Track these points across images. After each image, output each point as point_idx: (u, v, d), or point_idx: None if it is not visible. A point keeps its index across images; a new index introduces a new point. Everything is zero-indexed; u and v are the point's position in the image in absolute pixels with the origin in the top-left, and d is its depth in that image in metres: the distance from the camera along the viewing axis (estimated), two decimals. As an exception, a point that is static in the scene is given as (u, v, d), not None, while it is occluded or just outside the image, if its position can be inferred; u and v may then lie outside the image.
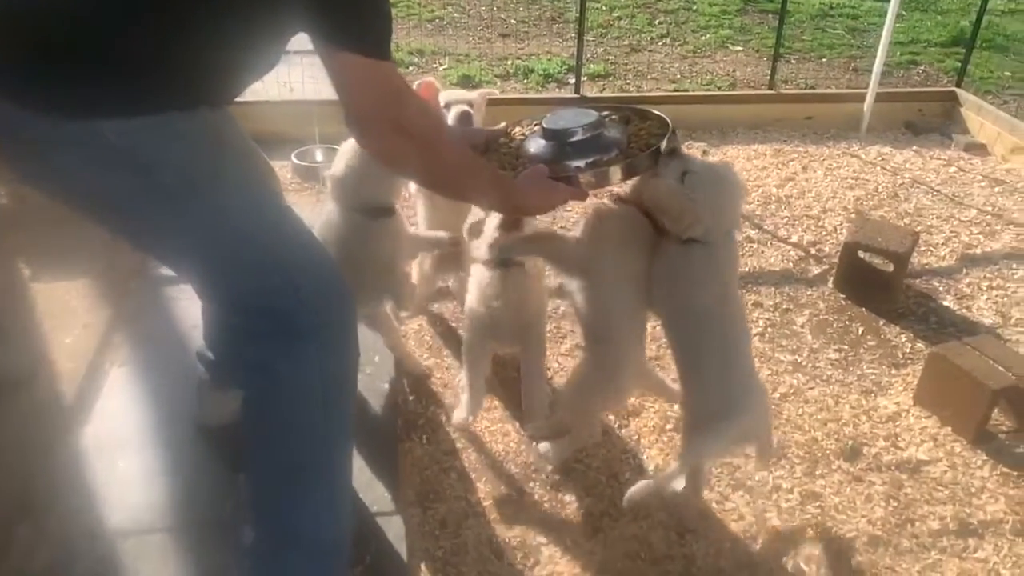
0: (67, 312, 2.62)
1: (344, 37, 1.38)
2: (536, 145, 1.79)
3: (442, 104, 2.51)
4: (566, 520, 2.07)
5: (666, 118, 1.86)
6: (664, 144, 1.76)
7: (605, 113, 1.88)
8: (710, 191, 1.80)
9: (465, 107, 2.46)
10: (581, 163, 1.71)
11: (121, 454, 2.11)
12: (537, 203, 1.69)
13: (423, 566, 1.91)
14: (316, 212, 2.14)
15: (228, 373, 2.04)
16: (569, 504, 2.11)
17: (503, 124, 1.87)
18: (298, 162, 3.77)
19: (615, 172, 1.72)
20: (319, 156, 3.86)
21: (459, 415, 2.24)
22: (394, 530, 1.95)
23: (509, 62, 5.49)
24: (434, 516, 2.04)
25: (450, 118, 2.47)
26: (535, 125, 1.87)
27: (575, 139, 1.75)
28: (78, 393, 2.28)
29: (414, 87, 2.52)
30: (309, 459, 1.52)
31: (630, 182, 1.88)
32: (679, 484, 2.13)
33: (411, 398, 2.45)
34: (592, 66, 5.35)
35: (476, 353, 2.20)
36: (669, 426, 2.36)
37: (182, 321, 2.56)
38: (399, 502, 2.03)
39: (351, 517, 1.65)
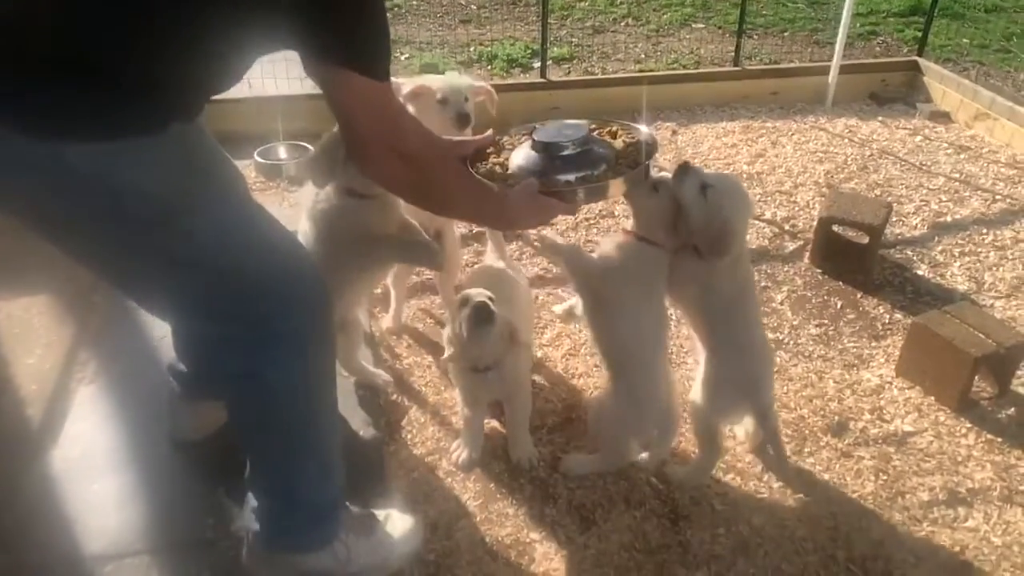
0: (28, 330, 2.53)
1: (347, 56, 1.35)
2: (526, 158, 1.77)
3: (437, 96, 2.39)
4: (558, 515, 2.03)
5: (653, 133, 1.88)
6: (651, 163, 1.77)
7: (593, 126, 1.89)
8: (733, 201, 1.86)
9: (465, 110, 2.36)
10: (571, 177, 1.71)
11: (95, 476, 2.03)
12: (529, 218, 1.69)
13: (415, 571, 1.86)
14: (282, 211, 2.06)
15: (205, 384, 2.00)
16: (560, 498, 2.08)
17: (490, 132, 1.85)
18: (261, 160, 3.67)
19: (605, 188, 1.72)
20: (283, 153, 3.77)
21: (463, 457, 2.17)
22: (384, 536, 1.90)
23: (472, 48, 5.41)
24: (424, 519, 1.99)
25: (448, 114, 2.36)
26: (523, 136, 1.87)
27: (565, 153, 1.75)
28: (45, 415, 2.20)
29: None
30: (300, 442, 1.60)
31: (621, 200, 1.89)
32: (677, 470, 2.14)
33: (394, 398, 2.40)
34: (556, 49, 5.29)
35: (472, 407, 2.17)
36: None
37: (150, 333, 2.47)
38: (387, 506, 1.98)
39: (343, 480, 1.74)
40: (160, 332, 2.37)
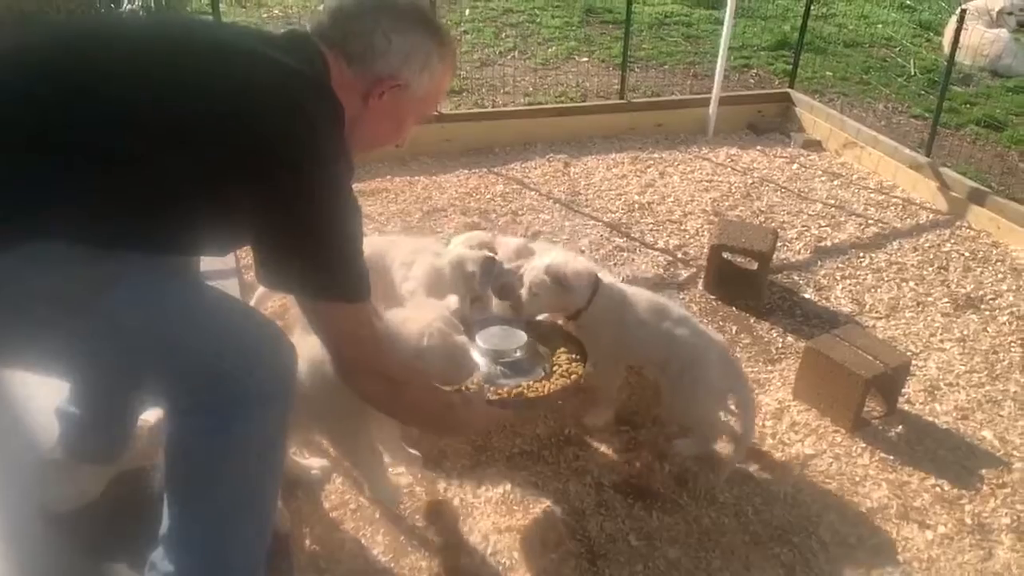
0: None
1: (329, 290, 1.45)
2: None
3: (478, 278, 2.43)
4: (474, 565, 1.96)
5: (583, 344, 2.20)
6: (584, 371, 2.10)
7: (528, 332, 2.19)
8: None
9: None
10: (512, 383, 2.01)
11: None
12: (477, 427, 2.03)
13: (324, 638, 1.75)
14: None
15: (104, 429, 1.89)
16: (476, 547, 2.00)
17: None
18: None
19: (542, 403, 2.03)
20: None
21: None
22: (288, 603, 1.77)
23: (358, 81, 5.31)
24: (331, 580, 1.87)
25: (494, 287, 2.44)
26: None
27: (508, 360, 2.06)
28: None
29: None
30: (243, 500, 1.50)
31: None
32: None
33: (292, 452, 2.25)
34: (444, 82, 5.27)
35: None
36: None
37: (8, 386, 2.23)
38: (290, 569, 1.85)
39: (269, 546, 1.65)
40: (26, 391, 2.15)
